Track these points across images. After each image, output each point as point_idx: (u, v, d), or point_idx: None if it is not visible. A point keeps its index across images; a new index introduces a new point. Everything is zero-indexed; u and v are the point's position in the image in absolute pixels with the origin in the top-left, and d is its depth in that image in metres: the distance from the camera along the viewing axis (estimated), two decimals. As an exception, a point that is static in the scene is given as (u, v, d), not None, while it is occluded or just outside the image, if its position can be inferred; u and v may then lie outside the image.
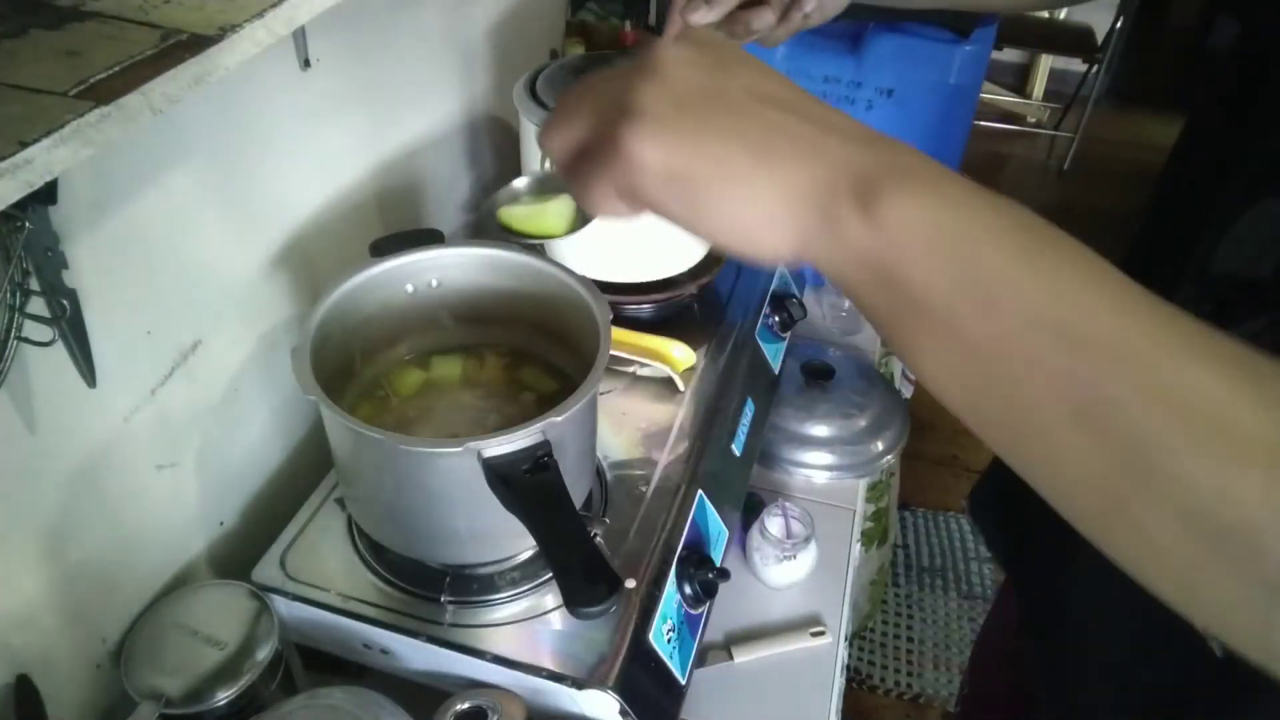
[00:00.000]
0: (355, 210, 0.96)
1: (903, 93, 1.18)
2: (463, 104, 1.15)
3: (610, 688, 0.67)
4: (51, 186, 0.51)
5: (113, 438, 0.69)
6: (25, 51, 0.46)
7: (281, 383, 0.88)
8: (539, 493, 0.61)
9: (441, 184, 1.15)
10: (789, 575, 0.93)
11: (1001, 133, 3.60)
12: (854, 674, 1.80)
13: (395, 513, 0.72)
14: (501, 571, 0.75)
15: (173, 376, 0.74)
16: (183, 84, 0.47)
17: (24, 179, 0.40)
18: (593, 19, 1.70)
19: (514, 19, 1.26)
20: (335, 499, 0.81)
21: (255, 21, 0.51)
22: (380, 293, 0.79)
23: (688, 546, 0.79)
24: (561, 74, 1.01)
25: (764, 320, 1.07)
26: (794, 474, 1.06)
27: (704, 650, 0.85)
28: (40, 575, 0.65)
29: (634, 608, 0.72)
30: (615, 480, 0.82)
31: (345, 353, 0.78)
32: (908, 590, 1.98)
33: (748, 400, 0.97)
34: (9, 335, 0.54)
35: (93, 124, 0.43)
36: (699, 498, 0.83)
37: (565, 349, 0.82)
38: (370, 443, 0.65)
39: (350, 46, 0.89)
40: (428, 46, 1.05)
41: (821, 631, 0.90)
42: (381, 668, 0.76)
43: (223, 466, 0.83)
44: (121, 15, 0.50)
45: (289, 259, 0.86)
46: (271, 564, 0.75)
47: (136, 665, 0.68)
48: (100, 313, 0.62)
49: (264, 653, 0.69)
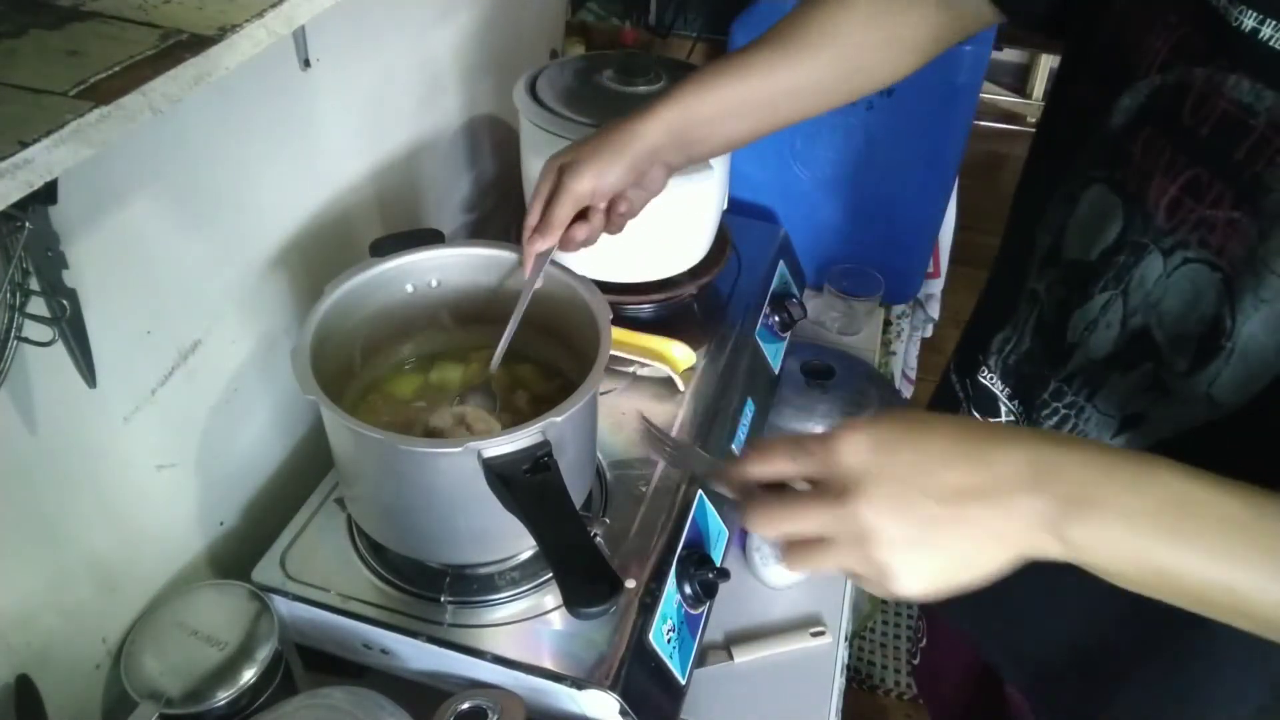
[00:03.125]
0: (355, 210, 0.96)
1: (902, 93, 1.18)
2: (463, 104, 1.15)
3: (610, 688, 0.67)
4: (51, 186, 0.50)
5: (113, 438, 0.69)
6: (25, 51, 0.46)
7: (281, 383, 0.88)
8: (539, 493, 0.61)
9: (441, 184, 1.15)
10: (789, 575, 0.93)
11: (1001, 133, 3.60)
12: (854, 674, 1.80)
13: (395, 513, 0.72)
14: (501, 571, 0.75)
15: (173, 376, 0.74)
16: (183, 84, 0.47)
17: (24, 179, 0.40)
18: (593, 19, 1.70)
19: (514, 19, 1.26)
20: (335, 499, 0.81)
21: (255, 21, 0.51)
22: (380, 293, 0.79)
23: (688, 546, 0.79)
24: (561, 74, 1.01)
25: (764, 320, 1.07)
26: (794, 474, 1.06)
27: (704, 650, 0.85)
28: (40, 575, 0.65)
29: (634, 608, 0.72)
30: (615, 480, 0.82)
31: (345, 353, 0.78)
32: (908, 590, 1.98)
33: (748, 400, 0.97)
34: (9, 335, 0.54)
35: (93, 124, 0.43)
36: (699, 498, 0.83)
37: (565, 349, 0.82)
38: (370, 443, 0.65)
39: (350, 46, 0.89)
40: (428, 46, 1.05)
41: (821, 631, 0.90)
42: (381, 668, 0.76)
43: (223, 466, 0.83)
44: (121, 15, 0.50)
45: (289, 259, 0.86)
46: (271, 564, 0.75)
47: (136, 665, 0.68)
48: (100, 313, 0.62)
49: (264, 653, 0.69)
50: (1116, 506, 0.42)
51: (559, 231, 0.73)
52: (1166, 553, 0.41)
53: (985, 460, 0.44)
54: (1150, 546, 0.42)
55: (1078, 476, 0.42)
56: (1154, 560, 0.41)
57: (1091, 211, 0.58)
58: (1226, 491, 0.41)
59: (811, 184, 1.29)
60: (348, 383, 0.80)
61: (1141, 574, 0.42)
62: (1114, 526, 0.42)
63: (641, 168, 0.72)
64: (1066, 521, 0.42)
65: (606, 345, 0.70)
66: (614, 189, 0.72)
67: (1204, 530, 0.41)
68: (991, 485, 0.43)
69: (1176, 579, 0.42)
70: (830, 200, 1.30)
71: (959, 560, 0.44)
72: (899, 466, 0.44)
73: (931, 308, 1.63)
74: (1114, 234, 0.56)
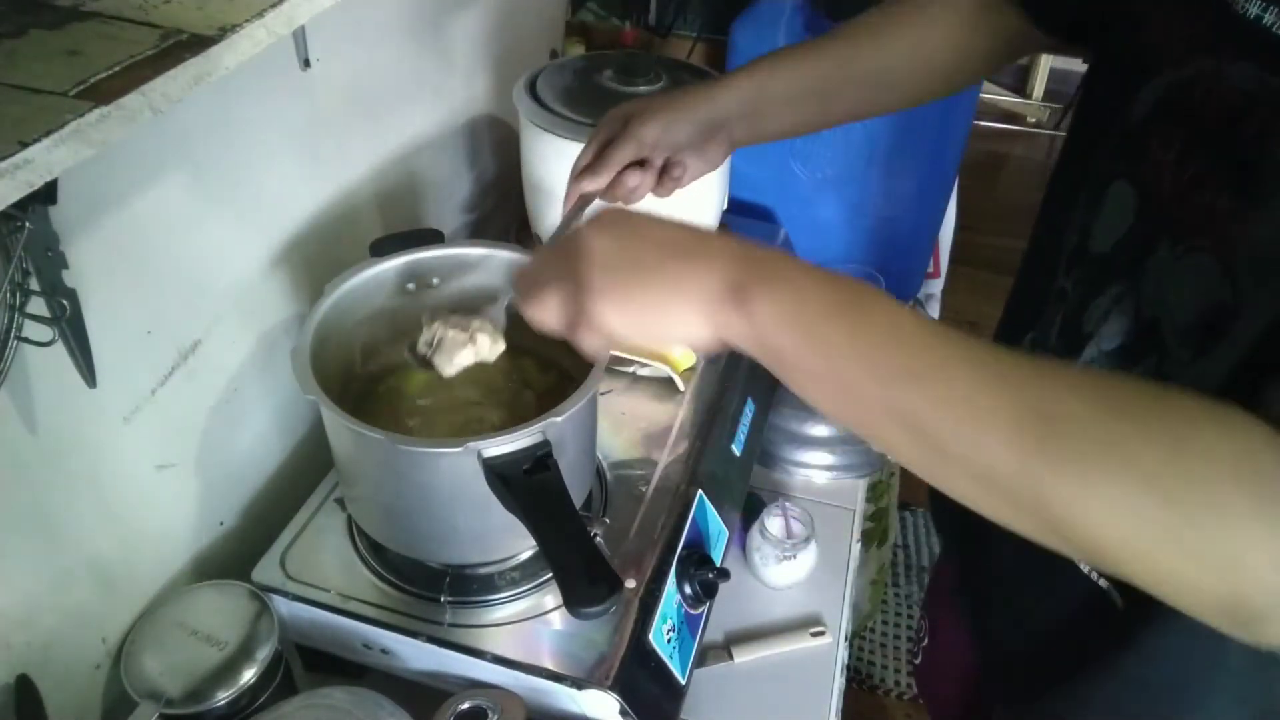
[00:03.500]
0: (355, 210, 0.96)
1: (903, 93, 1.18)
2: (463, 104, 1.15)
3: (610, 688, 0.67)
4: (51, 186, 0.51)
5: (113, 438, 0.69)
6: (25, 51, 0.46)
7: (281, 383, 0.88)
8: (539, 493, 0.61)
9: (441, 184, 1.15)
10: (789, 575, 0.93)
11: (1001, 133, 3.59)
12: (854, 674, 1.80)
13: (395, 513, 0.72)
14: (501, 571, 0.75)
15: (173, 376, 0.74)
16: (183, 84, 0.47)
17: (24, 179, 0.40)
18: (593, 19, 1.70)
19: (514, 19, 1.26)
20: (335, 499, 0.81)
21: (255, 21, 0.51)
22: (380, 293, 0.79)
23: (688, 546, 0.79)
24: (561, 74, 1.01)
25: (764, 320, 1.07)
26: (794, 474, 1.06)
27: (704, 650, 0.85)
28: (40, 575, 0.65)
29: (634, 608, 0.72)
30: (615, 480, 0.82)
31: (345, 353, 0.78)
32: (908, 590, 1.98)
33: (748, 400, 0.97)
34: (9, 335, 0.54)
35: (93, 124, 0.43)
36: (699, 498, 0.83)
37: (565, 348, 0.81)
38: (370, 443, 0.65)
39: (350, 46, 0.89)
40: (428, 46, 1.05)
41: (821, 631, 0.90)
42: (381, 668, 0.76)
43: (223, 466, 0.83)
44: (121, 15, 0.50)
45: (289, 259, 0.86)
46: (271, 564, 0.75)
47: (136, 665, 0.68)
48: (100, 313, 0.62)
49: (264, 653, 0.69)
50: (798, 285, 0.44)
51: (612, 173, 0.72)
52: (830, 329, 0.43)
53: (699, 233, 0.49)
54: (814, 324, 0.44)
55: (777, 263, 0.46)
56: (816, 335, 0.43)
57: (1113, 207, 0.59)
58: (913, 312, 0.44)
59: (811, 184, 1.29)
60: (348, 383, 0.80)
61: (803, 347, 0.44)
62: (788, 300, 0.44)
63: (708, 133, 0.73)
64: (750, 291, 0.44)
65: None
66: (677, 145, 0.72)
67: (874, 323, 0.43)
68: (697, 247, 0.48)
69: (830, 356, 0.43)
70: (830, 200, 1.30)
71: (654, 307, 0.47)
72: (621, 223, 0.50)
73: (932, 308, 1.63)
74: (1128, 226, 0.57)
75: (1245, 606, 0.37)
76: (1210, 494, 0.37)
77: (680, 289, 0.46)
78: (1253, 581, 0.37)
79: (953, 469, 0.42)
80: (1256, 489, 0.37)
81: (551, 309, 0.52)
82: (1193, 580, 0.38)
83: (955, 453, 0.41)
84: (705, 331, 0.46)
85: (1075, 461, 0.38)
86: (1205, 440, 0.38)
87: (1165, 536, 0.37)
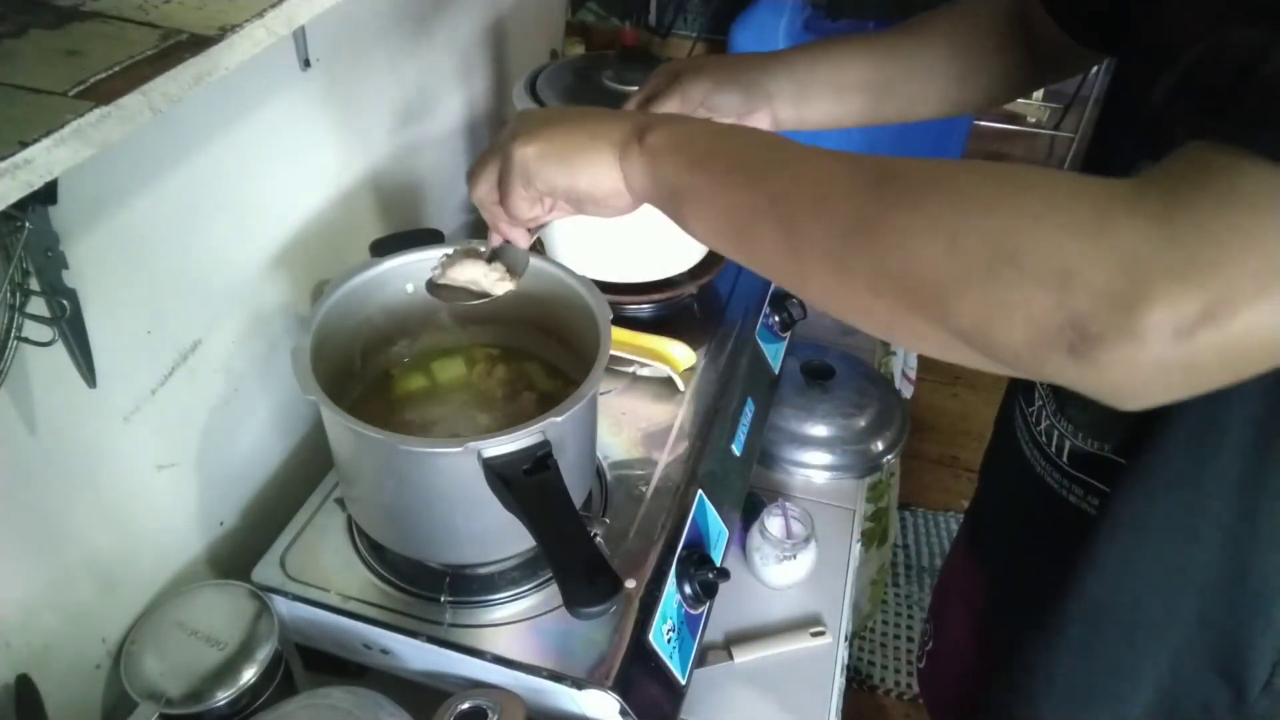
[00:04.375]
0: (355, 210, 0.96)
1: (903, 93, 1.18)
2: (463, 104, 1.15)
3: (610, 688, 0.67)
4: (51, 186, 0.51)
5: (113, 438, 0.69)
6: (25, 51, 0.46)
7: (281, 383, 0.88)
8: (539, 493, 0.61)
9: (441, 184, 1.15)
10: (789, 575, 0.93)
11: (1001, 133, 3.59)
12: (854, 674, 1.80)
13: (395, 513, 0.72)
14: (501, 571, 0.75)
15: (173, 376, 0.74)
16: (183, 84, 0.47)
17: (24, 179, 0.40)
18: (593, 19, 1.70)
19: (514, 19, 1.26)
20: (335, 499, 0.81)
21: (255, 21, 0.51)
22: (380, 293, 0.79)
23: (688, 546, 0.79)
24: (561, 74, 1.01)
25: (764, 320, 1.07)
26: (794, 474, 1.06)
27: (704, 650, 0.85)
28: (40, 575, 0.65)
29: (634, 608, 0.72)
30: (615, 480, 0.82)
31: (345, 353, 0.78)
32: (908, 590, 1.98)
33: (748, 400, 0.97)
34: (9, 335, 0.54)
35: (93, 124, 0.43)
36: (699, 498, 0.83)
37: (565, 349, 0.82)
38: (370, 443, 0.65)
39: (350, 46, 0.89)
40: (428, 46, 1.05)
41: (821, 631, 0.90)
42: (381, 668, 0.76)
43: (223, 466, 0.83)
44: (121, 15, 0.50)
45: (289, 259, 0.86)
46: (271, 564, 0.75)
47: (136, 665, 0.68)
48: (100, 313, 0.62)
49: (264, 653, 0.69)
50: (690, 125, 0.54)
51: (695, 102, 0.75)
52: (710, 146, 0.51)
53: (612, 111, 0.58)
54: (696, 145, 0.51)
55: (676, 117, 0.56)
56: (698, 153, 0.51)
57: None
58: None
59: (811, 184, 1.29)
60: (348, 383, 0.80)
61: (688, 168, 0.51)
62: (679, 133, 0.52)
63: (753, 104, 0.74)
64: (649, 130, 0.53)
65: (606, 345, 0.70)
66: (721, 108, 0.74)
67: (747, 137, 0.52)
68: (611, 113, 0.58)
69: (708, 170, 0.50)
70: (830, 200, 1.30)
71: (571, 147, 0.55)
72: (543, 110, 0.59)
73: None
74: None
75: (1079, 326, 0.36)
76: (1040, 206, 0.38)
77: (595, 134, 0.55)
78: (1085, 294, 0.35)
79: (812, 258, 0.45)
80: (1091, 204, 0.37)
81: (487, 174, 0.59)
82: (1024, 303, 0.37)
83: (810, 232, 0.45)
84: (615, 172, 0.54)
85: (906, 194, 0.42)
86: (1036, 175, 0.39)
87: (995, 256, 0.37)
